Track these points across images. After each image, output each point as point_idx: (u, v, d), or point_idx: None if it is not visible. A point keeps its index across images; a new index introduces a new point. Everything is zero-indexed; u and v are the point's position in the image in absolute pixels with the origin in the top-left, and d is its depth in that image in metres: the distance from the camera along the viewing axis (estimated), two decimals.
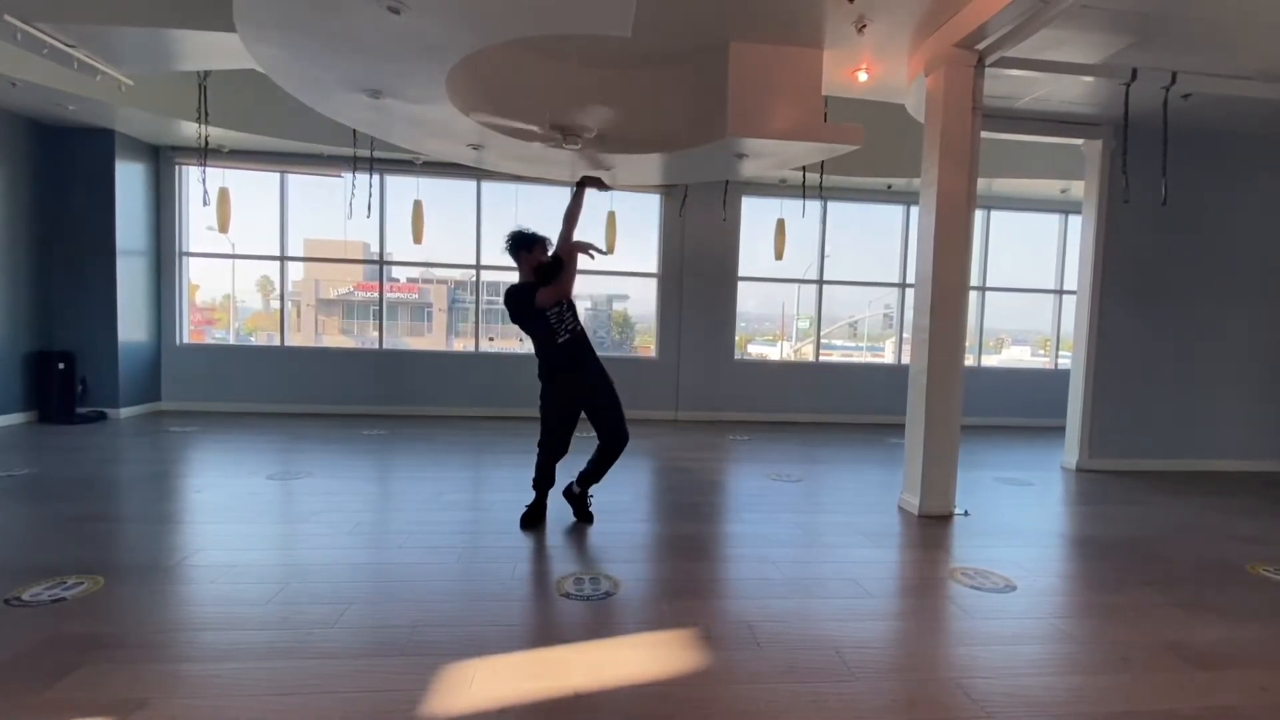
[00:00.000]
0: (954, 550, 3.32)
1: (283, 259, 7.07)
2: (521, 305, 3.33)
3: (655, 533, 3.46)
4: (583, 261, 3.46)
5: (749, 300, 7.83)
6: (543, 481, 3.52)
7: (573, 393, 3.42)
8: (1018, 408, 7.78)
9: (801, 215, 6.75)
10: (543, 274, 3.37)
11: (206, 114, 5.58)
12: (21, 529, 3.20)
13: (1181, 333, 5.43)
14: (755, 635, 2.29)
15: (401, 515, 3.63)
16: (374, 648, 2.12)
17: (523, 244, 3.41)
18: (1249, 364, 5.53)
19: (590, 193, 3.72)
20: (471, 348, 7.43)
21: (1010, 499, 4.40)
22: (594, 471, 3.54)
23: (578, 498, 3.59)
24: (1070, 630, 2.44)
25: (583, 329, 3.46)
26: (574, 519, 3.54)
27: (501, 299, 3.62)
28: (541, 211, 7.21)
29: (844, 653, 2.19)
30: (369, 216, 6.55)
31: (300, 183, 7.06)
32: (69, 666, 1.94)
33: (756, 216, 7.49)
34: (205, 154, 6.06)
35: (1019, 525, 3.78)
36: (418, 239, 6.15)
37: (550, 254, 3.44)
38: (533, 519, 3.47)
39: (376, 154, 6.37)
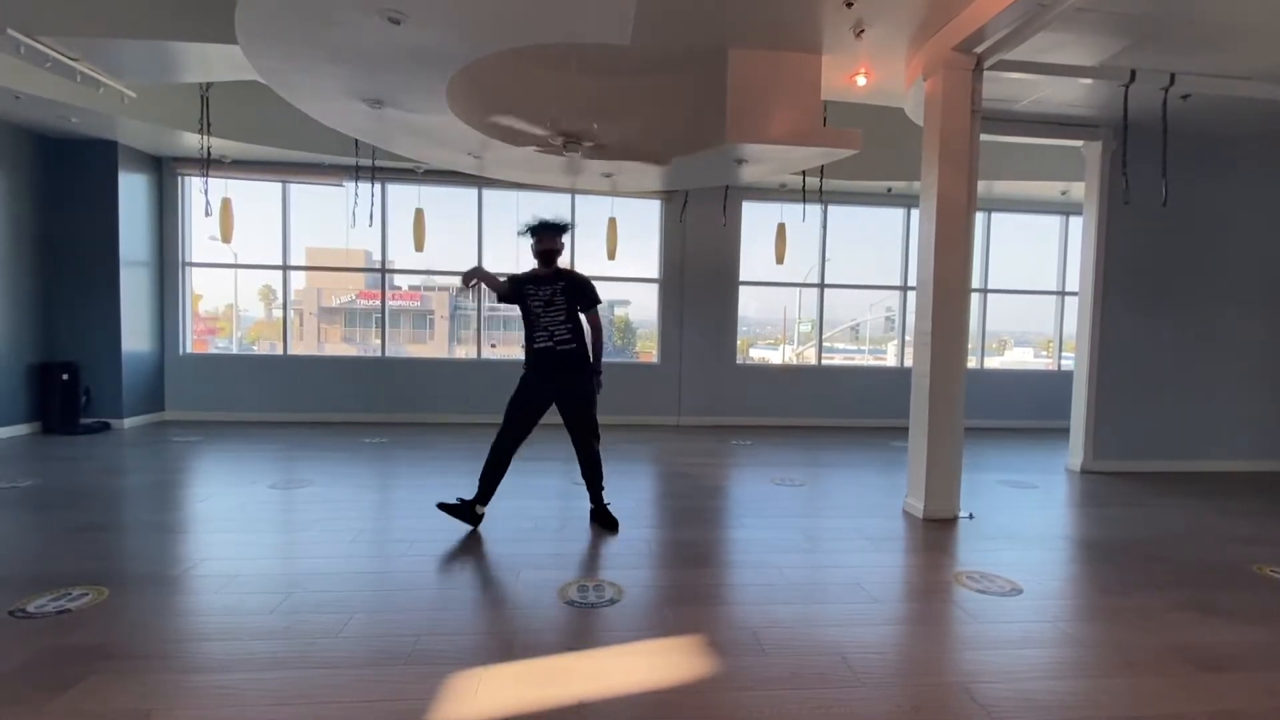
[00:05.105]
0: (958, 554, 3.31)
1: (285, 268, 7.09)
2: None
3: (658, 539, 3.45)
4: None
5: (750, 304, 7.83)
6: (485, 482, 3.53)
7: (536, 394, 3.53)
8: (1021, 410, 7.77)
9: (802, 219, 6.76)
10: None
11: (209, 125, 5.62)
12: (25, 540, 3.21)
13: (1184, 333, 5.42)
14: (759, 641, 2.28)
15: (404, 523, 3.63)
16: (378, 657, 2.12)
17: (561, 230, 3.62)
18: (1252, 364, 5.52)
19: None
20: (474, 355, 7.44)
21: (1014, 502, 4.39)
22: (590, 483, 3.63)
23: (599, 511, 3.62)
24: (1076, 634, 2.43)
25: (575, 346, 3.50)
26: (601, 528, 3.53)
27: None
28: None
29: (849, 658, 2.18)
30: (371, 225, 6.58)
31: (302, 192, 7.09)
32: (74, 678, 1.94)
33: (757, 221, 7.50)
34: (207, 164, 6.11)
35: (1023, 528, 3.77)
36: (419, 247, 6.17)
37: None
38: (457, 510, 3.47)
39: (378, 163, 6.40)
